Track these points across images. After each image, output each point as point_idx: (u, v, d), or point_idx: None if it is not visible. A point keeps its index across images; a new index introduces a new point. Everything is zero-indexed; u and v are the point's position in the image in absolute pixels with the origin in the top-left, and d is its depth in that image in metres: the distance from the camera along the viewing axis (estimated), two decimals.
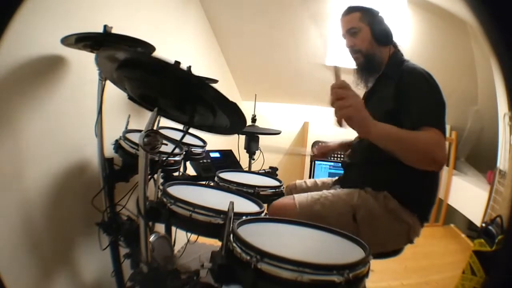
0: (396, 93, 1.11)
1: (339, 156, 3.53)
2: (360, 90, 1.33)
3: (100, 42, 1.08)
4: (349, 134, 1.22)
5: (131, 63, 0.87)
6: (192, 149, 1.55)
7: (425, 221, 1.15)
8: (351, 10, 1.27)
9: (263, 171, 1.77)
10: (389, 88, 1.15)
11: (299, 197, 1.14)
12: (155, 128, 0.93)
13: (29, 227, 1.09)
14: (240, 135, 2.05)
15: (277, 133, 2.10)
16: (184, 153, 1.43)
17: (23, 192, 1.07)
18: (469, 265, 1.29)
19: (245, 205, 1.09)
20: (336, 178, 1.39)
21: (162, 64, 0.80)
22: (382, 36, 1.23)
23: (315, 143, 3.56)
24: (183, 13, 2.28)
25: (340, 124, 0.94)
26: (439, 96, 1.08)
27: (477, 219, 2.39)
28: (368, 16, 1.24)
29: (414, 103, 1.07)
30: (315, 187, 1.42)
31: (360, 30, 1.24)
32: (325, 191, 1.17)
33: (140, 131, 0.92)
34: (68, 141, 1.24)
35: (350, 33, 1.26)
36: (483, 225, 1.39)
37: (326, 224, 0.98)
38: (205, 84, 0.83)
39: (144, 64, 0.87)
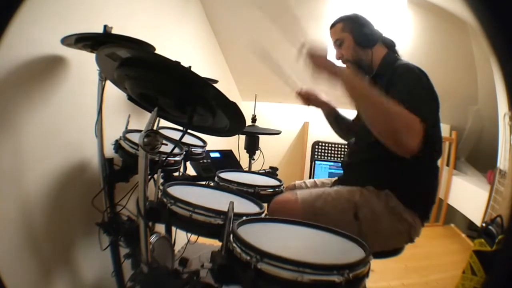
0: (387, 89, 1.12)
1: (339, 156, 3.53)
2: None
3: (100, 42, 1.08)
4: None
5: (133, 61, 0.87)
6: (192, 149, 1.55)
7: (425, 220, 1.15)
8: (334, 22, 1.31)
9: (263, 171, 1.77)
10: (382, 87, 1.16)
11: (302, 193, 1.15)
12: (155, 128, 0.93)
13: (29, 227, 1.09)
14: (240, 135, 2.05)
15: (277, 133, 2.10)
16: (184, 153, 1.43)
17: (23, 192, 1.07)
18: (469, 265, 1.30)
19: (245, 205, 1.09)
20: (336, 178, 1.39)
21: (164, 61, 0.80)
22: (364, 40, 1.24)
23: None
24: (183, 13, 2.28)
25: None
26: (427, 89, 1.08)
27: (477, 219, 2.39)
28: (349, 24, 1.26)
29: (398, 92, 1.07)
30: (315, 188, 1.42)
31: (344, 40, 1.27)
32: (327, 188, 1.18)
33: (140, 131, 0.92)
34: (68, 141, 1.24)
35: (337, 45, 1.30)
36: (483, 225, 1.40)
37: (327, 221, 0.98)
38: (206, 82, 0.83)
39: (146, 61, 0.87)
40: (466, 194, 2.83)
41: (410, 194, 1.11)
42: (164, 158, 1.19)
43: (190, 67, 1.39)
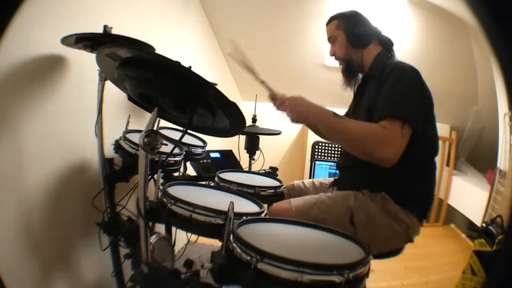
0: (376, 89, 1.12)
1: (339, 156, 3.53)
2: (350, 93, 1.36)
3: (100, 42, 1.08)
4: None
5: (133, 61, 0.87)
6: (192, 149, 1.55)
7: (424, 220, 1.15)
8: (330, 19, 1.31)
9: (263, 171, 1.77)
10: (372, 86, 1.17)
11: (296, 201, 1.13)
12: (155, 128, 0.93)
13: (29, 227, 1.09)
14: (240, 135, 2.05)
15: (277, 133, 2.10)
16: (184, 153, 1.43)
17: (24, 192, 1.07)
18: (470, 265, 1.29)
19: (245, 206, 1.09)
20: (334, 179, 1.39)
21: (164, 61, 0.80)
22: (357, 40, 1.24)
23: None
24: (183, 13, 2.28)
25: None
26: (414, 88, 1.06)
27: (477, 219, 2.39)
28: (344, 22, 1.26)
29: (382, 93, 1.07)
30: (314, 188, 1.42)
31: (337, 37, 1.27)
32: (321, 194, 1.16)
33: (140, 131, 0.92)
34: (68, 141, 1.24)
35: (331, 41, 1.31)
36: (484, 225, 1.39)
37: None
38: (206, 82, 0.83)
39: (146, 61, 0.87)
40: (466, 194, 2.83)
41: (407, 194, 1.10)
42: (164, 158, 1.19)
43: (190, 67, 1.39)
